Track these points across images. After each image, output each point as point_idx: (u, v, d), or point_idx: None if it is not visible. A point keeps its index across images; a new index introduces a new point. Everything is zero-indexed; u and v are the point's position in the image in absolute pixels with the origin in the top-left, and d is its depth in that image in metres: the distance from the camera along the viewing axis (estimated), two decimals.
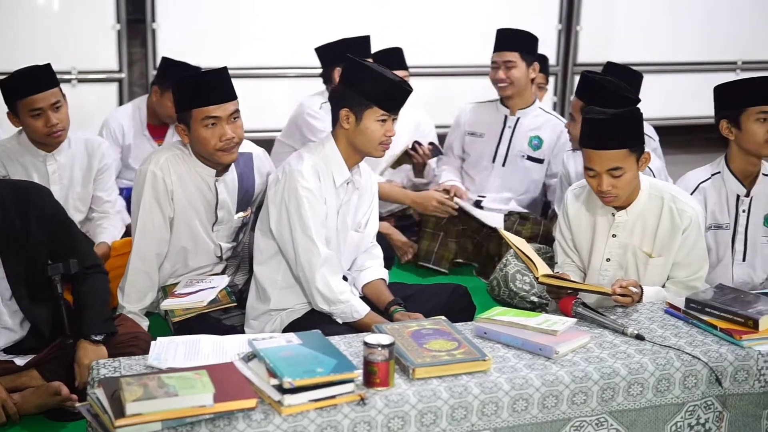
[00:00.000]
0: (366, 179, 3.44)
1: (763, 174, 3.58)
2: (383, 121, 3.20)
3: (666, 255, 3.20)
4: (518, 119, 4.71)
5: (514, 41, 4.66)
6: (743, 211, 3.58)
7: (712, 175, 3.61)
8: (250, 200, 3.65)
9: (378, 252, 3.56)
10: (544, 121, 4.73)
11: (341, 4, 6.42)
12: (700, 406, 2.70)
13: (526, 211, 4.70)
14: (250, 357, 2.45)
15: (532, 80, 4.71)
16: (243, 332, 3.36)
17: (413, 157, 4.87)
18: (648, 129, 4.73)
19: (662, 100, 6.90)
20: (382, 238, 4.65)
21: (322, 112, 4.64)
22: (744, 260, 3.60)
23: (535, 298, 4.05)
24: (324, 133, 3.77)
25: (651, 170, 3.71)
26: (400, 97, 3.27)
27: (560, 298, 3.04)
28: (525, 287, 4.09)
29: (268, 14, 6.26)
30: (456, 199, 4.57)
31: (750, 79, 3.58)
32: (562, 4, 6.95)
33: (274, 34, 6.29)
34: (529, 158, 4.72)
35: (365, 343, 2.42)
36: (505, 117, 4.73)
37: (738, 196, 3.58)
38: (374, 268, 3.48)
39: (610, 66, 4.58)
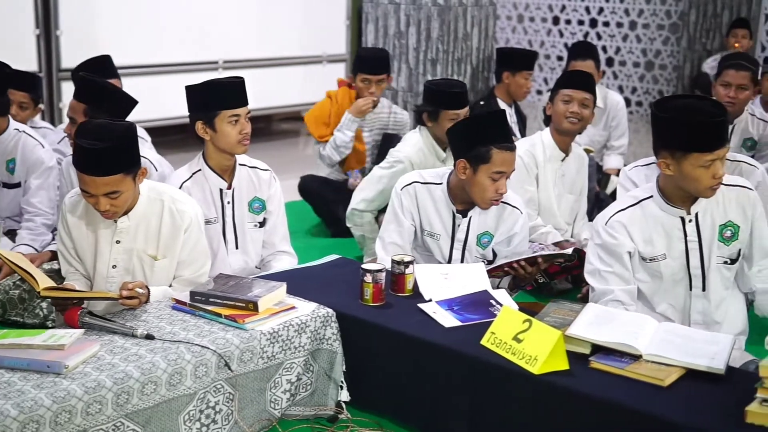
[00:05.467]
0: None
1: (240, 164, 3.79)
2: None
3: (170, 255, 3.27)
4: None
5: None
6: (228, 203, 3.77)
7: (193, 173, 3.73)
8: None
9: None
10: (21, 140, 4.43)
11: None
12: (210, 390, 2.83)
13: None
14: None
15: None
16: None
17: None
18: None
19: (155, 101, 7.00)
20: None
21: None
22: (237, 248, 3.80)
23: (45, 311, 3.87)
24: None
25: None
26: None
27: (66, 309, 2.96)
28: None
29: None
30: None
31: (220, 82, 3.70)
32: (37, 7, 6.69)
33: None
34: (5, 185, 4.45)
35: None
36: None
37: (221, 190, 3.76)
38: None
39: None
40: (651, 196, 3.23)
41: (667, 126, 3.06)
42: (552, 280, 4.00)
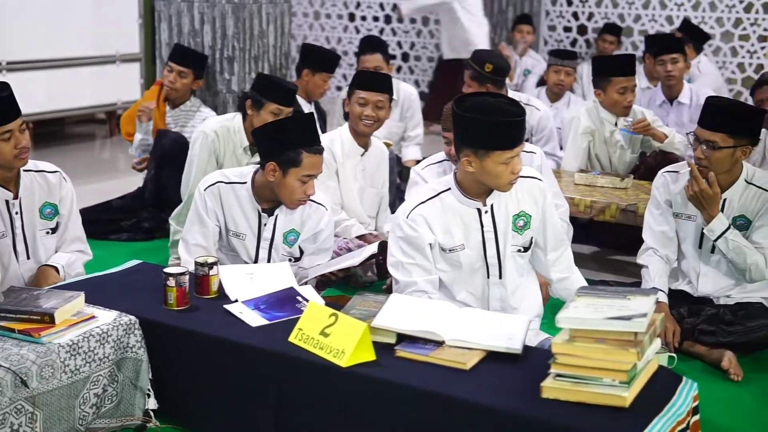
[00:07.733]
0: None
1: (24, 171, 3.57)
2: None
3: None
4: None
5: None
6: (16, 213, 3.56)
7: None
8: None
9: None
10: None
11: None
12: (11, 412, 2.68)
13: None
14: None
15: None
16: None
17: None
18: None
19: None
20: None
21: None
22: (29, 258, 3.60)
23: None
24: None
25: None
26: None
27: None
28: None
29: None
30: None
31: None
32: None
33: None
34: None
35: None
36: None
37: (7, 201, 3.53)
38: None
39: None
40: (449, 189, 3.33)
41: (469, 125, 3.14)
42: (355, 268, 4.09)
